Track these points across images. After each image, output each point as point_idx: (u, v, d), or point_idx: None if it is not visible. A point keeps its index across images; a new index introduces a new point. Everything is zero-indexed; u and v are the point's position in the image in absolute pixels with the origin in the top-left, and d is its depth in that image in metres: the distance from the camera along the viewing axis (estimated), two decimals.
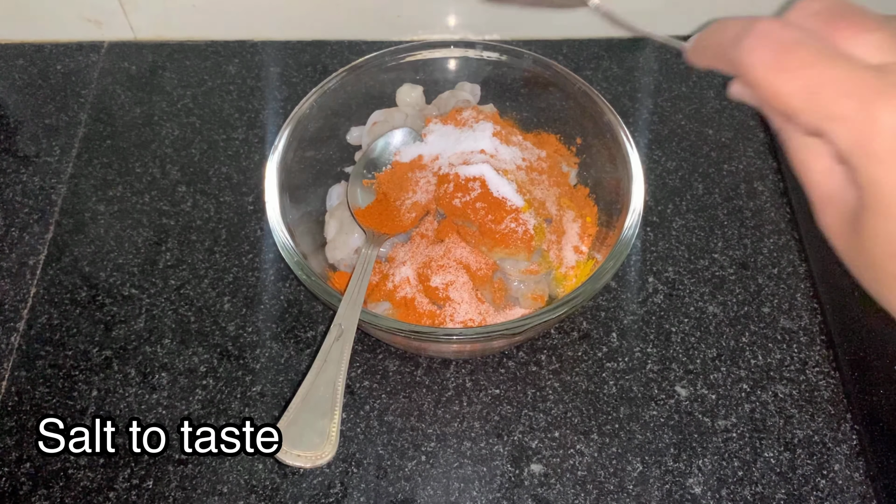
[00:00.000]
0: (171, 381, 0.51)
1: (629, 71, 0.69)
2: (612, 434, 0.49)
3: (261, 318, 0.54)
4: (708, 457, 0.48)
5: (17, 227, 0.59)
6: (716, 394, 0.51)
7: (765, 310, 0.55)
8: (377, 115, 0.58)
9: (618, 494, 0.47)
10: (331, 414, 0.38)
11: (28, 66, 0.70)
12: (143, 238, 0.58)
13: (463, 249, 0.49)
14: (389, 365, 0.52)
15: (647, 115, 0.66)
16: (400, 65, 0.57)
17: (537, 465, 0.48)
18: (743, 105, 0.67)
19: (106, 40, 0.71)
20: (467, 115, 0.55)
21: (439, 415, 0.50)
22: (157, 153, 0.63)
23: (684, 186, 0.61)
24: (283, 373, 0.51)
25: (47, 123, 0.66)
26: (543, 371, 0.51)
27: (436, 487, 0.47)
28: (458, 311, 0.46)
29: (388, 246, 0.51)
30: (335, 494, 0.47)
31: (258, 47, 0.71)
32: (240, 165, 0.63)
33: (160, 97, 0.67)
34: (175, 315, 0.54)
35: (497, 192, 0.48)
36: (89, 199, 0.61)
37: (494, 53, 0.57)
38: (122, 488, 0.47)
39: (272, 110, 0.66)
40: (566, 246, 0.51)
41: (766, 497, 0.47)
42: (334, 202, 0.55)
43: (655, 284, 0.56)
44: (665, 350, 0.53)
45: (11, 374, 0.52)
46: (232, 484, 0.47)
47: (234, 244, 0.58)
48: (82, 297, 0.55)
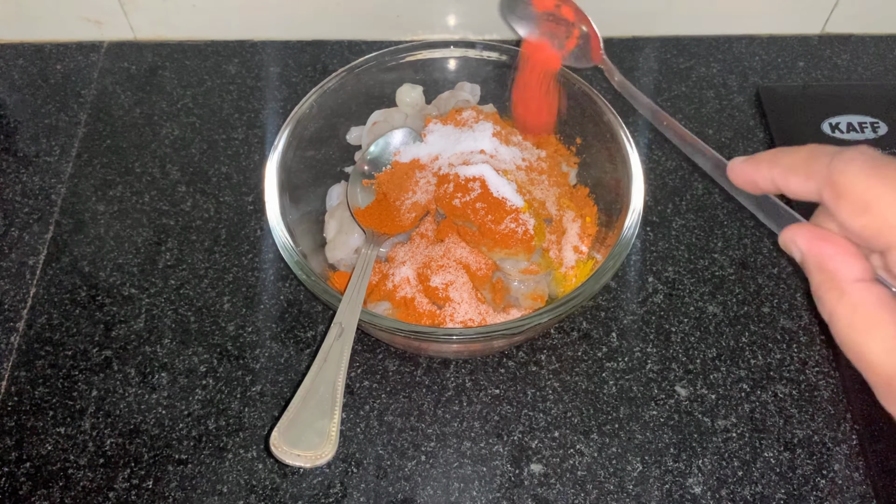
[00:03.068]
0: (170, 381, 0.51)
1: (629, 71, 0.69)
2: (612, 434, 0.49)
3: (261, 318, 0.54)
4: (708, 457, 0.48)
5: (17, 227, 0.59)
6: (716, 394, 0.51)
7: (765, 310, 0.55)
8: (377, 115, 0.58)
9: (618, 494, 0.47)
10: (330, 414, 0.38)
11: (28, 66, 0.70)
12: (143, 238, 0.58)
13: (463, 249, 0.49)
14: (389, 365, 0.52)
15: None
16: (400, 65, 0.57)
17: (537, 465, 0.48)
18: (743, 105, 0.67)
19: (106, 40, 0.71)
20: (467, 115, 0.55)
21: (439, 415, 0.50)
22: (157, 153, 0.63)
23: (684, 186, 0.61)
24: (283, 373, 0.51)
25: (47, 123, 0.66)
26: (543, 371, 0.51)
27: (436, 487, 0.47)
28: (458, 311, 0.46)
29: (388, 246, 0.51)
30: (335, 494, 0.47)
31: (258, 47, 0.71)
32: (240, 165, 0.63)
33: (160, 97, 0.67)
34: (175, 315, 0.54)
35: (497, 192, 0.48)
36: (89, 199, 0.61)
37: (494, 53, 0.57)
38: (122, 488, 0.47)
39: (272, 110, 0.66)
40: (566, 246, 0.51)
41: (766, 497, 0.47)
42: (334, 202, 0.55)
43: (655, 284, 0.56)
44: (665, 350, 0.53)
45: (11, 374, 0.52)
46: (232, 484, 0.47)
47: (234, 244, 0.58)
48: (82, 297, 0.55)
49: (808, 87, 0.68)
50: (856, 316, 0.24)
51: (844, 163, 0.23)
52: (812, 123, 0.64)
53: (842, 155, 0.23)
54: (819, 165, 0.24)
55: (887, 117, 0.64)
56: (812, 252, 0.25)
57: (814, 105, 0.66)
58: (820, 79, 0.69)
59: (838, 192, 0.23)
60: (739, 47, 0.71)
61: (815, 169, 0.24)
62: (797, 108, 0.66)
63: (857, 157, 0.23)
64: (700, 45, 0.72)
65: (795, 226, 0.25)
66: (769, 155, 0.27)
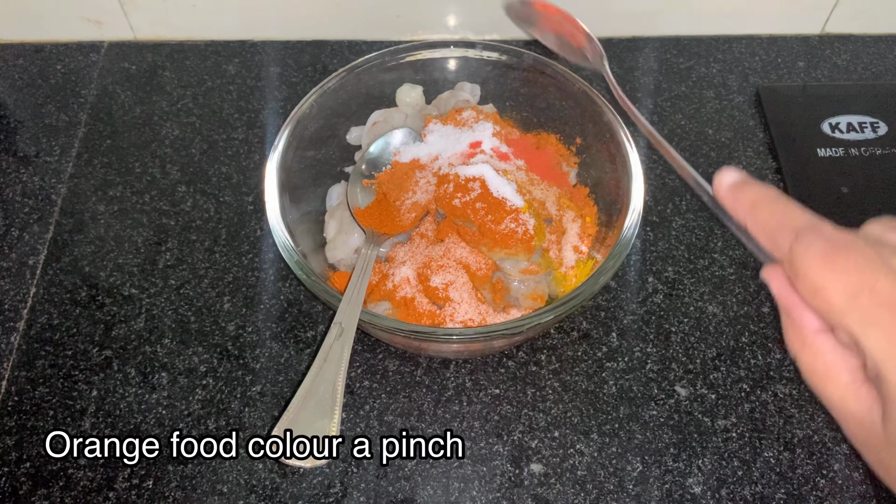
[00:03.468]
0: (171, 380, 0.51)
1: (629, 71, 0.69)
2: (611, 434, 0.49)
3: (261, 317, 0.54)
4: (708, 457, 0.48)
5: (17, 227, 0.59)
6: (716, 394, 0.51)
7: (765, 310, 0.55)
8: (377, 115, 0.58)
9: (618, 494, 0.47)
10: (330, 414, 0.38)
11: (28, 66, 0.70)
12: (143, 238, 0.58)
13: (463, 249, 0.49)
14: (389, 365, 0.52)
15: (647, 115, 0.66)
16: (400, 65, 0.57)
17: (537, 464, 0.48)
18: (743, 105, 0.67)
19: (106, 40, 0.72)
20: (467, 115, 0.55)
21: (439, 415, 0.50)
22: (157, 153, 0.63)
23: (684, 186, 0.61)
24: (283, 373, 0.51)
25: (47, 123, 0.66)
26: (543, 371, 0.51)
27: (436, 487, 0.47)
28: (458, 311, 0.46)
29: (388, 246, 0.51)
30: (335, 494, 0.47)
31: (258, 47, 0.71)
32: (240, 165, 0.63)
33: (160, 97, 0.67)
34: (175, 315, 0.54)
35: (497, 192, 0.48)
36: (89, 199, 0.61)
37: (494, 53, 0.57)
38: (122, 488, 0.47)
39: (272, 110, 0.66)
40: (566, 246, 0.51)
41: (766, 497, 0.47)
42: (334, 202, 0.55)
43: (655, 284, 0.56)
44: (665, 350, 0.53)
45: (11, 374, 0.52)
46: (232, 484, 0.47)
47: (234, 244, 0.58)
48: (82, 297, 0.55)
49: (808, 87, 0.68)
50: (816, 363, 0.26)
51: (804, 247, 0.25)
52: (812, 123, 0.64)
53: (803, 238, 0.25)
54: (784, 240, 0.26)
55: (887, 117, 0.64)
56: (781, 298, 0.27)
57: (814, 105, 0.66)
58: (820, 79, 0.69)
59: (795, 272, 0.25)
60: (739, 47, 0.71)
61: (779, 243, 0.26)
62: (797, 108, 0.66)
63: (815, 243, 0.25)
64: (700, 45, 0.72)
65: (772, 268, 0.27)
66: (748, 203, 0.28)
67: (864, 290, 0.23)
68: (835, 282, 0.24)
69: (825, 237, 0.25)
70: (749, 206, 0.28)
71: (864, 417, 0.25)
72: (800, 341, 0.27)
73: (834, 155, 0.62)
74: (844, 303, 0.24)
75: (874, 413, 0.25)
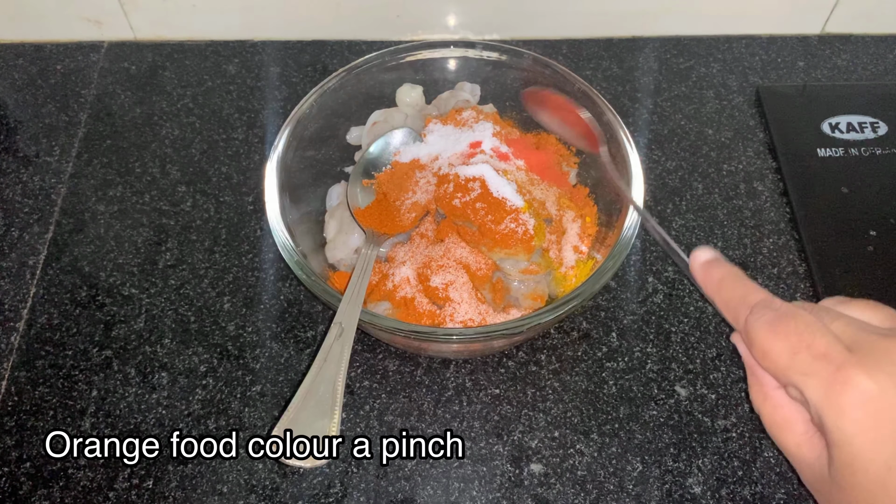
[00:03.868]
0: (171, 380, 0.51)
1: (629, 71, 0.69)
2: (611, 434, 0.49)
3: (261, 317, 0.54)
4: (708, 457, 0.48)
5: (17, 227, 0.59)
6: (715, 394, 0.51)
7: None
8: (377, 115, 0.58)
9: (617, 494, 0.47)
10: (330, 414, 0.38)
11: (28, 66, 0.70)
12: (143, 238, 0.58)
13: (463, 249, 0.49)
14: (389, 365, 0.52)
15: (646, 115, 0.66)
16: (400, 65, 0.57)
17: (537, 464, 0.48)
18: (743, 105, 0.67)
19: (106, 40, 0.72)
20: (467, 115, 0.55)
21: (439, 415, 0.50)
22: (157, 153, 0.63)
23: (684, 186, 0.61)
24: (283, 373, 0.51)
25: (47, 123, 0.66)
26: (543, 371, 0.51)
27: (436, 487, 0.47)
28: (458, 311, 0.46)
29: (388, 246, 0.51)
30: (335, 494, 0.47)
31: (258, 47, 0.71)
32: (240, 165, 0.63)
33: (160, 97, 0.67)
34: (175, 315, 0.54)
35: (497, 192, 0.48)
36: (89, 199, 0.61)
37: (494, 53, 0.57)
38: (122, 488, 0.47)
39: (272, 110, 0.66)
40: (566, 246, 0.51)
41: (766, 497, 0.47)
42: (334, 202, 0.55)
43: (655, 284, 0.56)
44: (665, 350, 0.53)
45: (11, 374, 0.52)
46: (232, 484, 0.47)
47: (234, 244, 0.58)
48: (82, 297, 0.55)
49: (808, 87, 0.68)
50: (775, 415, 0.30)
51: (754, 318, 0.29)
52: (812, 123, 0.64)
53: (755, 311, 0.29)
54: (741, 314, 0.30)
55: (887, 117, 0.64)
56: (745, 359, 0.32)
57: (814, 105, 0.66)
58: (820, 79, 0.69)
59: (749, 341, 0.29)
60: (739, 47, 0.71)
61: (737, 316, 0.31)
62: (797, 108, 0.66)
63: (765, 315, 0.29)
64: (700, 45, 0.72)
65: (737, 334, 0.32)
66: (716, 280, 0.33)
67: (802, 348, 0.27)
68: (779, 344, 0.28)
69: (773, 309, 0.29)
70: (717, 282, 0.33)
71: (813, 462, 0.29)
72: (762, 396, 0.31)
73: (834, 155, 0.62)
74: (787, 361, 0.27)
75: (823, 458, 0.28)
